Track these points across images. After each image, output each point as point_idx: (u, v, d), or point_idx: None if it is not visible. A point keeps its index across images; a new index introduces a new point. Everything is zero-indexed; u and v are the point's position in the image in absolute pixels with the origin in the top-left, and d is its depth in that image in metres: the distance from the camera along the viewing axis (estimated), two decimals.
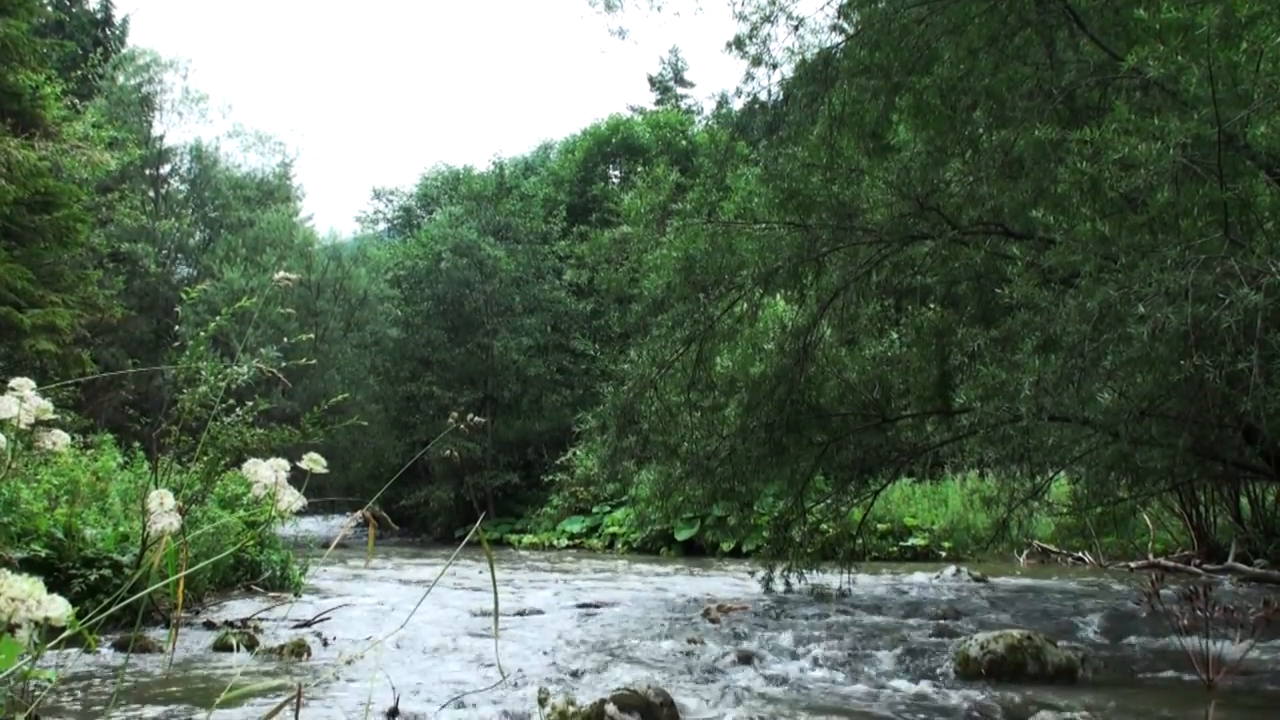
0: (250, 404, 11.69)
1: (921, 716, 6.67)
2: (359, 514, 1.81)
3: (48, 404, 1.42)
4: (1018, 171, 9.35)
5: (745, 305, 12.22)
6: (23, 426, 1.39)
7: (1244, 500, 16.08)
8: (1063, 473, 12.69)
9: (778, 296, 13.18)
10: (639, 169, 39.59)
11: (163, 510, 1.45)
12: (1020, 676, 7.74)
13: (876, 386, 12.53)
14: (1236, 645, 4.87)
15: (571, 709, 1.49)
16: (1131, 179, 7.49)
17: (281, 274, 1.90)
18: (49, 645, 1.28)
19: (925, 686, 7.60)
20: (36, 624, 1.03)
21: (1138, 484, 11.33)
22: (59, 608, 1.03)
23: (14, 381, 1.42)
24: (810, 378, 12.38)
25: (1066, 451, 10.81)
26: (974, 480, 22.18)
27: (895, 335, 13.20)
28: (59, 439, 1.54)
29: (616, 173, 46.35)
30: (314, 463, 1.49)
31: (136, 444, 15.24)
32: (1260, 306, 6.51)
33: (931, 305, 12.46)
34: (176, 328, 36.31)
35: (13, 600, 0.99)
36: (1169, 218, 7.89)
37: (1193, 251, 7.15)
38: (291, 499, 1.42)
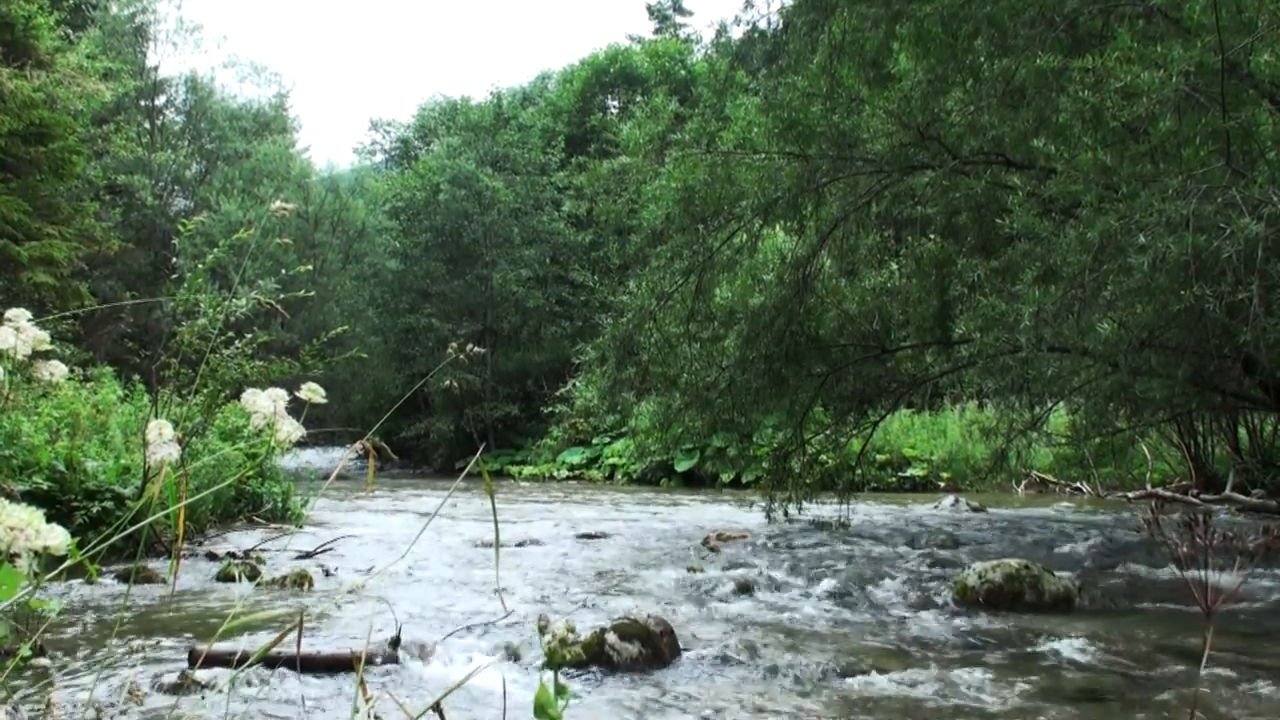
0: (249, 336, 11.68)
1: (919, 645, 6.72)
2: (358, 445, 1.81)
3: (44, 335, 1.41)
4: (1019, 101, 9.27)
5: (744, 236, 12.17)
6: (20, 358, 1.38)
7: (1242, 431, 16.12)
8: (1062, 403, 12.72)
9: (777, 227, 13.13)
10: (638, 99, 39.37)
11: (161, 440, 1.45)
12: (1018, 605, 7.80)
13: (876, 317, 12.52)
14: (1234, 574, 4.91)
15: (571, 637, 1.51)
16: (1134, 108, 7.44)
17: (278, 203, 1.89)
18: (50, 575, 1.29)
19: (923, 615, 7.66)
20: (36, 553, 1.03)
21: (1136, 415, 11.36)
22: (58, 536, 1.03)
23: (10, 312, 1.41)
24: (810, 309, 12.36)
25: (1065, 382, 10.83)
26: (973, 411, 22.26)
27: (895, 266, 13.18)
28: (56, 370, 1.53)
29: (615, 103, 46.01)
30: (312, 393, 1.48)
31: (136, 377, 15.25)
32: (1261, 236, 6.48)
33: (931, 236, 12.43)
34: (174, 260, 36.25)
35: (11, 529, 0.99)
36: (1171, 147, 7.85)
37: (1194, 181, 7.11)
38: (290, 429, 1.41)
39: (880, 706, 5.25)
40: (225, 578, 8.80)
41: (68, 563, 1.31)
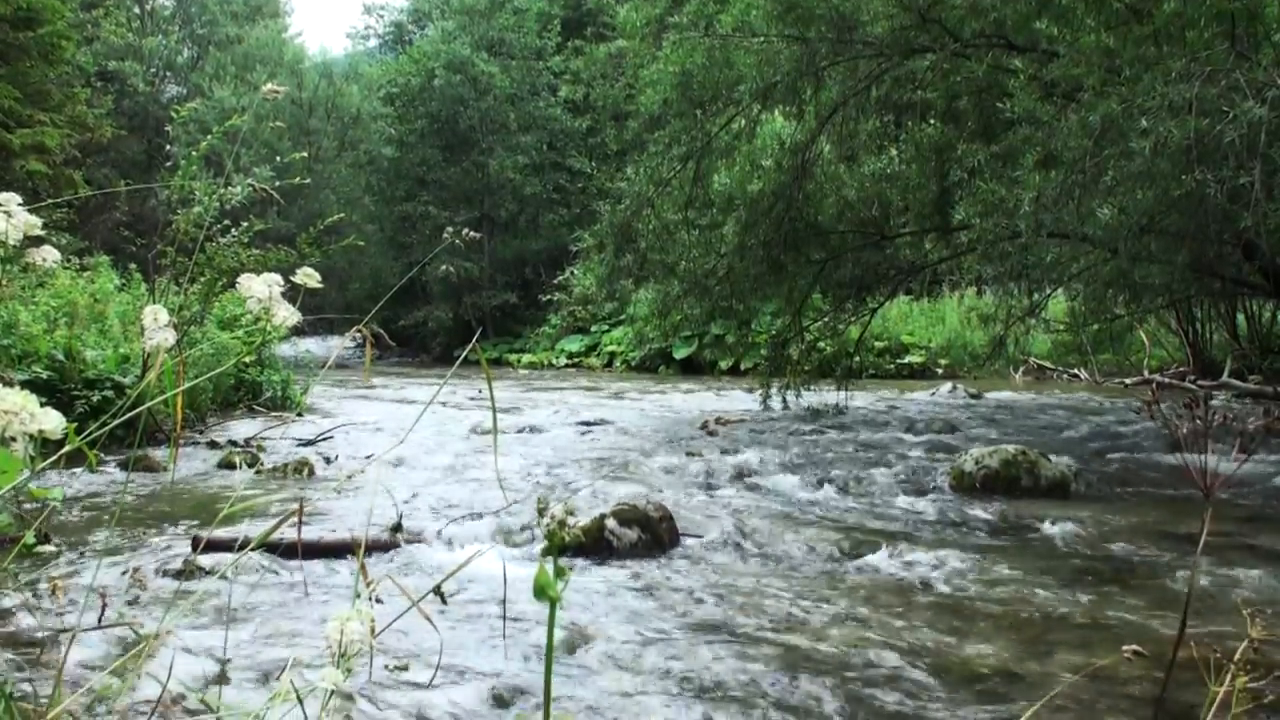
0: (245, 225, 11.63)
1: (916, 530, 6.78)
2: (355, 330, 1.80)
3: (36, 220, 1.39)
4: None
5: (743, 121, 12.05)
6: (12, 243, 1.36)
7: (1241, 317, 16.11)
8: (1060, 290, 12.68)
9: (776, 112, 12.99)
10: None
11: (157, 326, 1.44)
12: (1014, 491, 7.87)
13: (875, 204, 12.44)
14: (1233, 457, 4.94)
15: (571, 519, 1.52)
16: None
17: (269, 86, 1.86)
18: (49, 462, 1.28)
19: (920, 501, 7.72)
20: (31, 437, 1.02)
21: (1135, 301, 11.34)
22: (53, 420, 1.03)
23: None
24: (809, 195, 12.28)
25: (1065, 268, 10.80)
26: (971, 298, 22.25)
27: (895, 152, 13.06)
28: (49, 255, 1.52)
29: None
30: (308, 278, 1.47)
31: (133, 266, 15.19)
32: (1264, 120, 6.42)
33: (932, 121, 12.29)
34: (168, 148, 35.96)
35: (6, 413, 0.98)
36: (1175, 29, 7.74)
37: (1198, 64, 7.03)
38: (287, 314, 1.40)
39: (877, 590, 5.31)
40: (226, 466, 8.86)
41: (66, 448, 1.30)
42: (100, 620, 3.82)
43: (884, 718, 3.62)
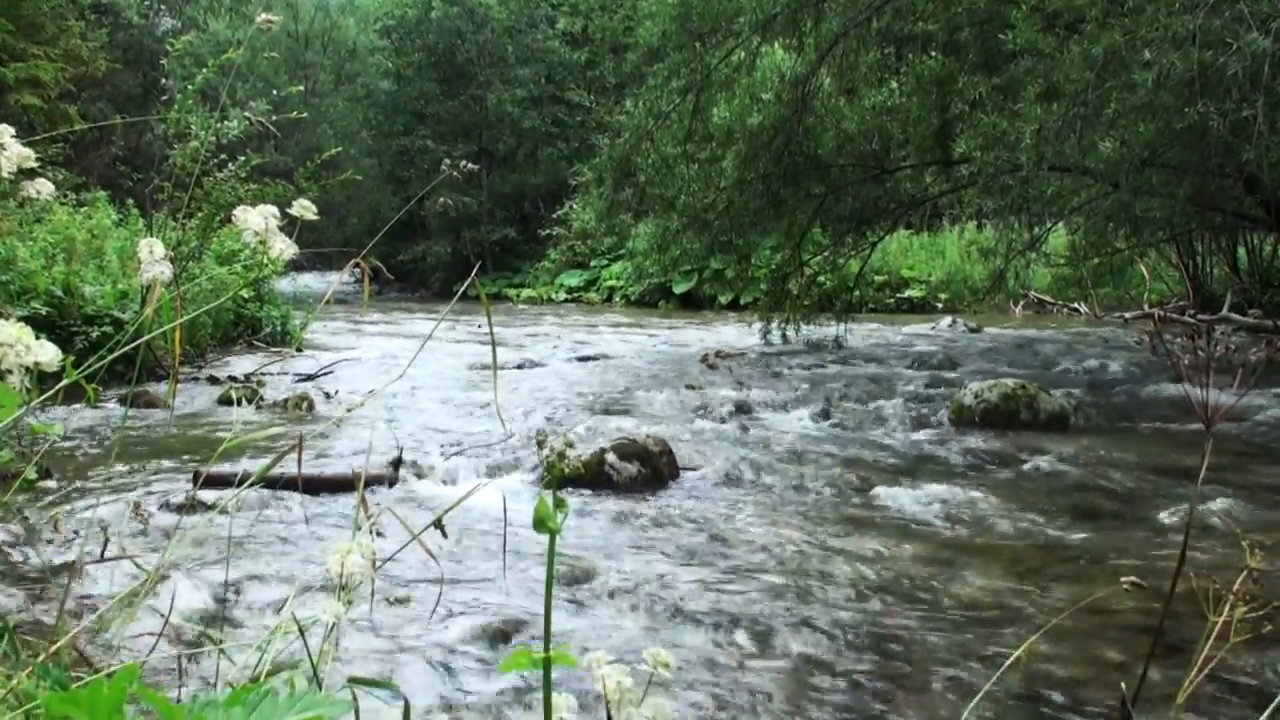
0: (242, 159, 11.56)
1: (915, 463, 6.81)
2: (352, 264, 1.79)
3: (30, 152, 1.37)
4: None
5: (743, 54, 11.94)
6: (5, 175, 1.35)
7: (1241, 251, 16.06)
8: (1061, 223, 12.63)
9: (776, 45, 12.86)
10: None
11: (153, 259, 1.43)
12: (1014, 424, 7.88)
13: (875, 137, 12.36)
14: (1234, 389, 4.93)
15: (570, 451, 1.53)
16: None
17: (263, 15, 1.83)
18: (46, 395, 1.28)
19: (919, 435, 7.74)
20: (28, 370, 1.02)
21: (1136, 234, 11.30)
22: (48, 352, 1.02)
23: None
24: (809, 128, 12.20)
25: (1066, 202, 10.75)
26: (972, 232, 22.16)
27: (895, 84, 12.95)
28: (44, 187, 1.50)
29: None
30: (304, 209, 1.45)
31: (130, 201, 15.13)
32: (1268, 52, 6.37)
33: (932, 53, 12.18)
34: (163, 81, 35.66)
35: (1, 345, 0.97)
36: None
37: None
38: (283, 246, 1.39)
39: (875, 523, 5.33)
40: (226, 402, 8.86)
41: (64, 382, 1.30)
42: (102, 554, 3.83)
43: (882, 648, 3.64)
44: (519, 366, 11.76)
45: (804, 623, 3.86)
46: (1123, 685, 1.84)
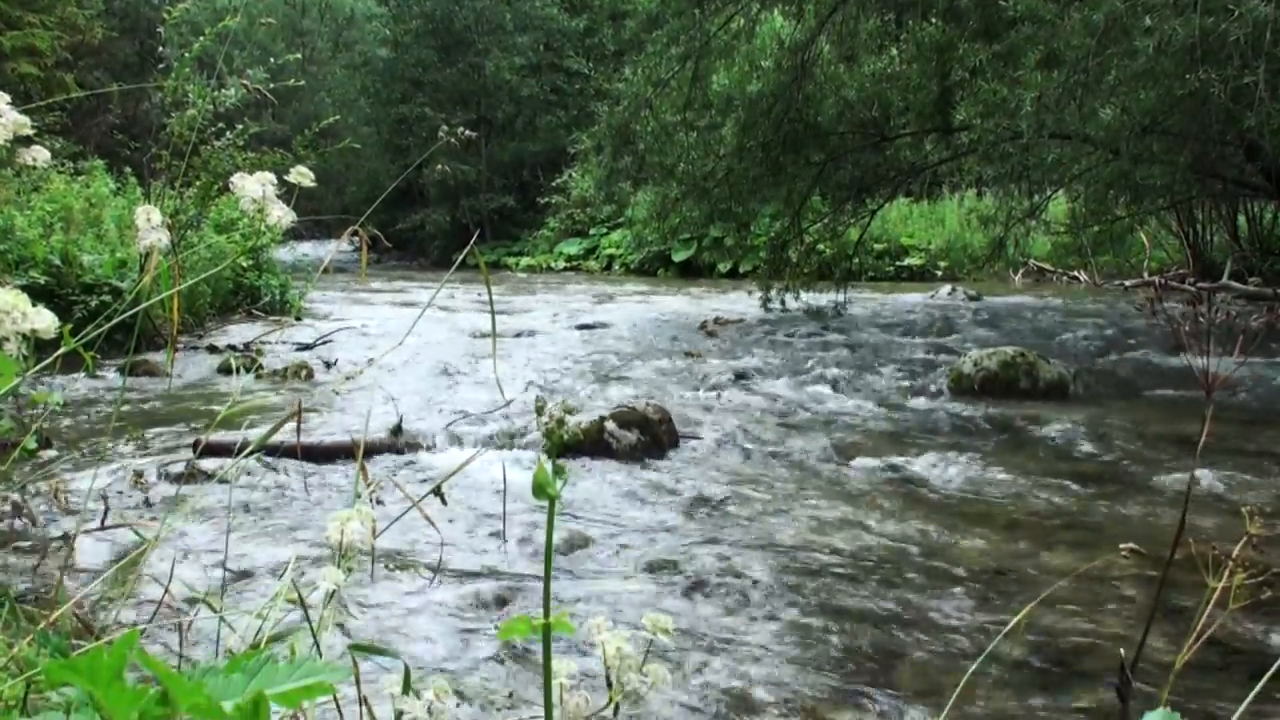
0: (240, 127, 11.53)
1: (914, 431, 6.81)
2: (350, 231, 1.78)
3: (26, 120, 1.37)
4: None
5: (742, 21, 11.90)
6: (2, 143, 1.34)
7: (1241, 219, 16.03)
8: (1061, 191, 12.61)
9: (775, 11, 12.82)
10: None
11: (150, 226, 1.42)
12: (1013, 392, 7.88)
13: (875, 104, 12.32)
14: (1234, 358, 4.94)
15: (569, 418, 1.52)
16: None
17: None
18: (45, 363, 1.28)
19: (918, 402, 7.75)
20: (24, 337, 1.01)
21: (1136, 202, 11.29)
22: (45, 319, 1.01)
23: None
24: (808, 96, 12.15)
25: (1066, 169, 10.73)
26: (971, 199, 22.10)
27: (895, 51, 12.89)
28: (40, 154, 1.50)
29: None
30: (301, 176, 1.45)
31: (128, 169, 15.08)
32: (1270, 18, 6.34)
33: (933, 19, 12.12)
34: (160, 49, 35.47)
35: None
36: None
37: None
38: (281, 213, 1.39)
39: (875, 491, 5.34)
40: (226, 370, 8.86)
41: (62, 350, 1.30)
42: (102, 523, 3.84)
43: (881, 614, 3.66)
44: (518, 335, 11.75)
45: (803, 588, 3.88)
46: (1122, 651, 1.85)
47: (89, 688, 0.85)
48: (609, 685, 1.09)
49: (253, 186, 1.37)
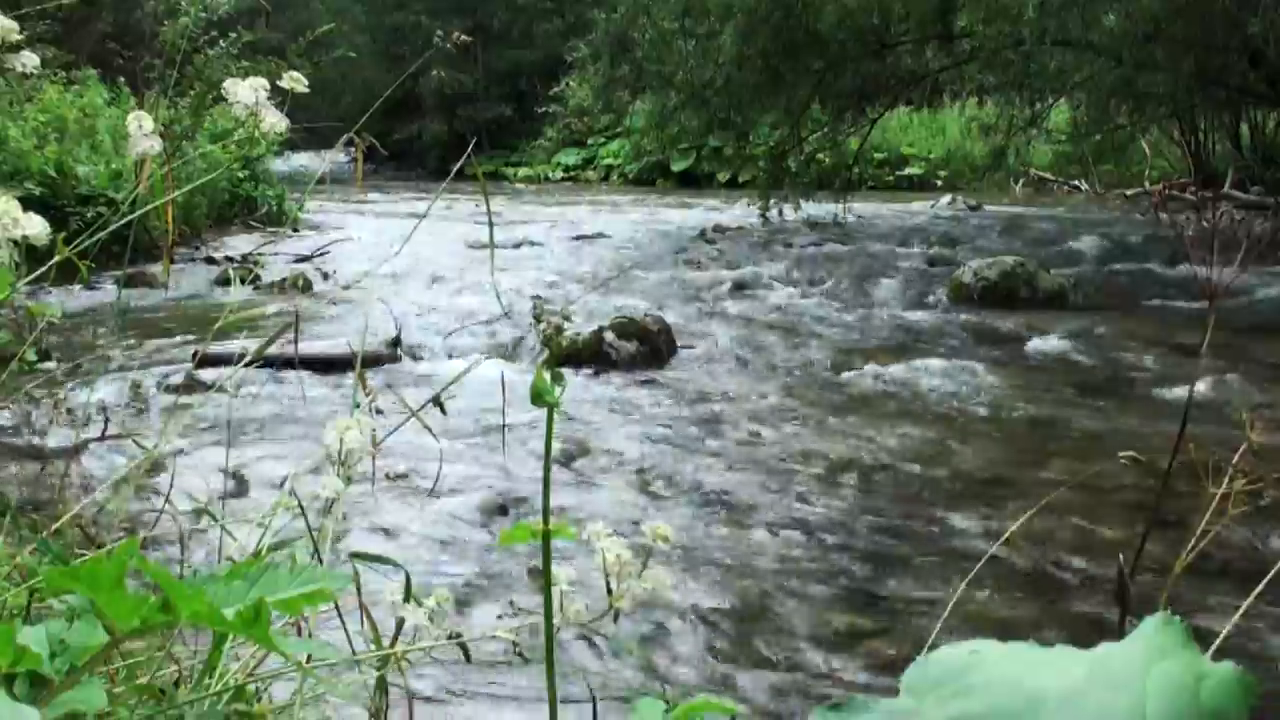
0: (234, 35, 11.40)
1: (913, 341, 6.81)
2: (345, 139, 1.77)
3: (13, 25, 1.34)
4: None
5: None
6: None
7: (1244, 128, 15.91)
8: (1063, 99, 12.49)
9: None
10: None
11: (142, 133, 1.40)
12: (1012, 302, 7.86)
13: (876, 11, 12.16)
14: (1236, 264, 4.92)
15: (567, 325, 1.50)
16: None
17: None
18: (39, 272, 1.27)
19: (918, 313, 7.74)
20: (16, 244, 1.00)
21: (1138, 110, 11.20)
22: (36, 225, 1.00)
23: None
24: (808, 3, 11.99)
25: (1068, 77, 10.61)
26: (973, 108, 21.89)
27: None
28: (28, 60, 1.47)
29: None
30: (295, 81, 1.43)
31: (121, 80, 14.93)
32: None
33: None
34: None
35: None
36: None
37: None
38: (274, 120, 1.37)
39: (873, 400, 5.36)
40: (224, 282, 8.84)
41: (57, 258, 1.29)
42: (103, 434, 3.85)
43: (878, 523, 3.68)
44: (517, 246, 11.69)
45: (801, 497, 3.89)
46: (1120, 557, 1.86)
47: (90, 595, 0.85)
48: (608, 592, 1.10)
49: (245, 92, 1.35)
